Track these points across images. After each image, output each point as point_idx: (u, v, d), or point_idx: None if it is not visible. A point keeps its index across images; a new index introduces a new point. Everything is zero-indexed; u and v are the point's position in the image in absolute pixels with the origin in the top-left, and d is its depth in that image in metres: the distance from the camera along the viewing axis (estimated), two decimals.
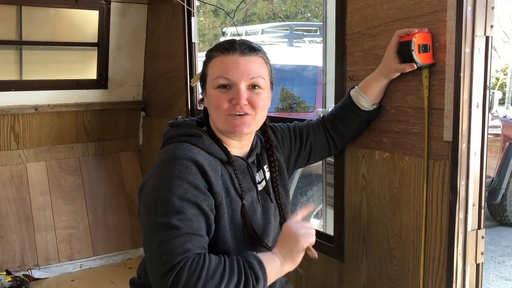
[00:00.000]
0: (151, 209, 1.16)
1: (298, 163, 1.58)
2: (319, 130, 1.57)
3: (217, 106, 1.26)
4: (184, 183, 1.15)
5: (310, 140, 1.56)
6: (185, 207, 1.13)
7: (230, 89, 1.24)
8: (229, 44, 1.28)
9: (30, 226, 2.95)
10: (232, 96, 1.24)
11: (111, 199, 3.23)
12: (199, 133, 1.28)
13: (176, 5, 2.69)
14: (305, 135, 1.56)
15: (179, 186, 1.15)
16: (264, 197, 1.38)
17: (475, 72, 1.26)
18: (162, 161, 1.22)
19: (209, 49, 1.33)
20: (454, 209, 1.29)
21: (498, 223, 5.34)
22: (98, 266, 3.06)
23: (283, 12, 14.73)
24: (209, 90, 1.29)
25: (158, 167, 1.21)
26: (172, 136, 1.30)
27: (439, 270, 1.35)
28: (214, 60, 1.28)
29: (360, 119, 1.52)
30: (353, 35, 1.58)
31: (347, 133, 1.57)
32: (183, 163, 1.18)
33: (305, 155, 1.57)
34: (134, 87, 3.25)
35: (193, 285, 1.07)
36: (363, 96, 1.48)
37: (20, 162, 2.99)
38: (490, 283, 3.90)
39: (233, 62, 1.25)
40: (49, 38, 2.97)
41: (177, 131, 1.30)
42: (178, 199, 1.13)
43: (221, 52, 1.27)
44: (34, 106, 2.91)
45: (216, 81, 1.25)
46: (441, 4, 1.28)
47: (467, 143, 1.28)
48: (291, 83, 4.39)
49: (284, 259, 1.22)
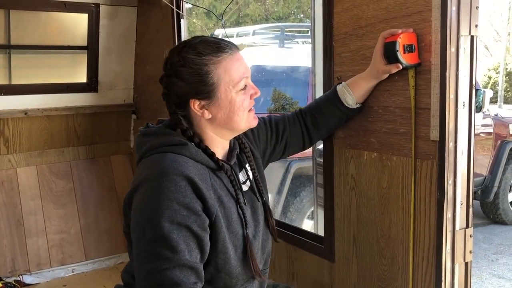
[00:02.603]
0: (139, 232, 1.12)
1: (273, 157, 1.55)
2: (295, 124, 1.55)
3: (243, 108, 1.23)
4: (174, 203, 1.10)
5: (286, 135, 1.54)
6: (174, 231, 1.09)
7: (246, 87, 1.24)
8: (224, 43, 1.23)
9: (21, 231, 2.93)
10: (250, 93, 1.24)
11: (103, 203, 3.21)
12: (183, 141, 1.20)
13: (165, 7, 2.69)
14: (281, 130, 1.53)
15: (168, 208, 1.09)
16: (251, 197, 1.35)
17: (461, 72, 1.27)
18: (148, 177, 1.14)
19: (201, 52, 1.19)
20: (442, 208, 1.29)
21: (491, 221, 5.37)
22: (90, 271, 3.04)
23: (275, 14, 14.75)
24: (228, 95, 1.21)
25: (144, 184, 1.14)
26: (154, 146, 1.21)
27: (428, 269, 1.35)
28: (225, 62, 1.20)
29: (341, 115, 1.52)
30: (340, 36, 1.58)
31: (324, 128, 1.56)
32: (172, 179, 1.11)
33: (280, 149, 1.55)
34: (124, 90, 3.24)
35: None
36: (350, 93, 1.48)
37: (10, 167, 2.97)
38: (484, 281, 3.91)
39: (242, 60, 1.24)
40: (38, 41, 2.95)
41: (157, 141, 1.21)
42: (168, 222, 1.08)
43: (227, 52, 1.21)
44: (23, 110, 2.89)
45: (240, 84, 1.21)
46: (426, 4, 1.29)
47: (454, 142, 1.29)
48: (283, 84, 4.39)
49: None
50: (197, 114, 1.23)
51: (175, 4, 2.60)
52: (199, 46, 1.20)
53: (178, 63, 1.20)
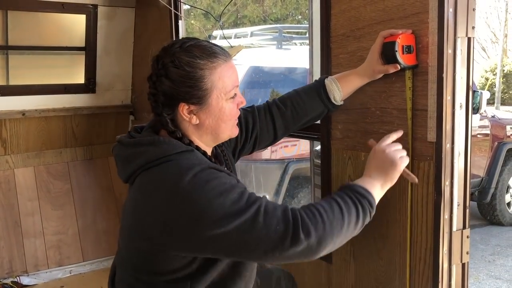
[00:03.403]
0: (206, 226, 1.04)
1: (242, 154, 1.53)
2: (266, 119, 1.51)
3: (231, 117, 1.22)
4: (215, 180, 1.07)
5: (256, 131, 1.51)
6: (239, 186, 1.09)
7: (235, 95, 1.22)
8: (219, 49, 1.20)
9: (19, 232, 2.92)
10: (238, 101, 1.23)
11: (101, 203, 3.21)
12: (190, 148, 1.16)
13: (163, 9, 2.69)
14: (251, 127, 1.49)
15: (214, 187, 1.05)
16: None
17: (458, 73, 1.27)
18: (168, 186, 1.07)
19: (197, 55, 1.16)
20: (439, 209, 1.30)
21: (488, 222, 5.38)
22: (88, 272, 3.03)
23: (273, 15, 14.76)
24: (218, 103, 1.18)
25: (168, 194, 1.07)
26: (156, 157, 1.12)
27: (425, 270, 1.35)
28: (220, 69, 1.17)
29: (323, 110, 1.52)
30: (338, 37, 1.59)
31: (302, 121, 1.53)
32: (197, 170, 1.07)
33: (249, 146, 1.52)
34: (122, 91, 3.23)
35: (322, 228, 1.08)
36: (339, 89, 1.48)
37: (7, 168, 2.96)
38: (481, 282, 3.92)
39: (233, 68, 1.22)
40: (36, 42, 2.95)
41: (158, 150, 1.13)
42: (228, 191, 1.06)
43: (222, 59, 1.18)
44: (21, 111, 2.88)
45: (231, 93, 1.20)
46: (423, 6, 1.29)
47: (451, 144, 1.29)
48: (281, 85, 4.40)
49: (384, 182, 1.25)
50: (184, 118, 1.19)
51: (173, 5, 2.60)
52: (194, 49, 1.16)
53: (171, 64, 1.15)
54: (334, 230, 1.11)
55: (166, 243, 1.10)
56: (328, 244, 1.11)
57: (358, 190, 1.20)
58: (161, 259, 1.14)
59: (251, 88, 3.95)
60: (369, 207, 1.18)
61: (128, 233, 1.19)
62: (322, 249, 1.10)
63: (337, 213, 1.13)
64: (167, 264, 1.14)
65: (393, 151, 1.26)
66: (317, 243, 1.08)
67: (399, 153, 1.27)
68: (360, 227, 1.19)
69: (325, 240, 1.10)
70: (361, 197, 1.18)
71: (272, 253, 1.06)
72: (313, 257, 1.11)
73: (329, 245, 1.11)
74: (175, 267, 1.14)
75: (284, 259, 1.09)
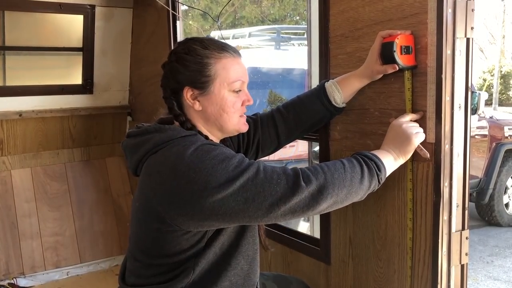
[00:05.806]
0: (213, 190, 1.08)
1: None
2: (269, 124, 1.54)
3: (233, 110, 1.26)
4: (216, 150, 1.14)
5: (257, 137, 1.54)
6: (238, 154, 1.15)
7: (240, 92, 1.27)
8: (229, 46, 1.28)
9: (15, 233, 2.91)
10: (243, 98, 1.28)
11: (98, 205, 3.20)
12: (193, 132, 1.22)
13: (161, 9, 2.68)
14: (253, 132, 1.52)
15: (216, 155, 1.12)
16: None
17: (457, 74, 1.27)
18: (173, 159, 1.13)
19: (206, 46, 1.25)
20: (438, 210, 1.29)
21: (486, 223, 5.38)
22: (85, 273, 3.02)
23: (271, 16, 14.77)
24: (220, 92, 1.24)
25: (173, 166, 1.12)
26: (163, 140, 1.19)
27: (424, 272, 1.35)
28: (225, 60, 1.24)
29: (325, 114, 1.51)
30: (336, 38, 1.58)
31: (307, 125, 1.55)
32: (199, 144, 1.15)
33: (252, 152, 1.55)
34: (120, 92, 3.22)
35: (323, 177, 1.13)
36: (339, 91, 1.48)
37: (4, 169, 2.95)
38: (479, 283, 3.92)
39: (242, 65, 1.28)
40: (33, 43, 2.94)
41: (165, 135, 1.20)
42: (229, 158, 1.12)
43: (230, 53, 1.26)
44: (18, 112, 2.87)
45: (234, 85, 1.25)
46: (422, 7, 1.29)
47: (450, 145, 1.29)
48: (279, 86, 4.40)
49: (397, 155, 1.28)
50: (188, 103, 1.26)
51: (171, 5, 2.60)
52: (205, 40, 1.27)
53: (182, 51, 1.26)
54: (335, 180, 1.15)
55: (176, 217, 1.13)
56: (329, 193, 1.14)
57: (366, 154, 1.25)
58: (170, 239, 1.17)
59: (249, 89, 3.93)
60: (375, 169, 1.21)
61: (139, 216, 1.22)
62: (323, 197, 1.13)
63: (339, 167, 1.18)
64: (176, 244, 1.17)
65: (409, 126, 1.30)
66: (318, 190, 1.13)
67: (415, 128, 1.30)
68: (367, 188, 1.21)
69: (326, 189, 1.13)
70: (367, 159, 1.23)
71: (277, 206, 1.11)
72: (317, 208, 1.14)
73: (330, 195, 1.14)
74: (183, 247, 1.18)
75: (289, 212, 1.12)
